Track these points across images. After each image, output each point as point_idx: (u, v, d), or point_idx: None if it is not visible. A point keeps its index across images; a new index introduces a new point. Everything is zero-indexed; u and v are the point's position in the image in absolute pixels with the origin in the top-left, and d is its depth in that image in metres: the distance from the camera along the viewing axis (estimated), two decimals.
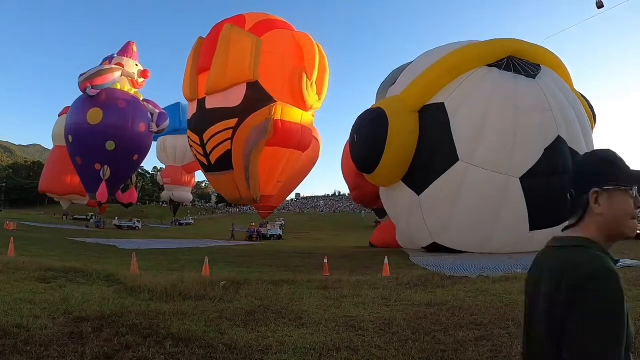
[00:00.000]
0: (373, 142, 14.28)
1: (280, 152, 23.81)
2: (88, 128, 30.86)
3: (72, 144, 31.59)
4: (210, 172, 24.58)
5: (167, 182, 54.72)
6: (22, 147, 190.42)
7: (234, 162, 22.63)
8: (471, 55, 14.34)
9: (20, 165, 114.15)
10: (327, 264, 11.49)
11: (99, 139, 31.00)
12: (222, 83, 22.03)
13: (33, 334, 4.35)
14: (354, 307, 6.36)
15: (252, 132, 22.26)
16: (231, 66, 21.80)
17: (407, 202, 14.84)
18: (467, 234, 13.88)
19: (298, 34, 24.36)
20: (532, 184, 12.84)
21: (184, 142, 48.00)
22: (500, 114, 13.18)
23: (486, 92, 13.50)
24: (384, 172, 14.66)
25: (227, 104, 22.16)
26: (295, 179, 28.74)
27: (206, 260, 9.82)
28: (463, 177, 13.10)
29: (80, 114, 31.39)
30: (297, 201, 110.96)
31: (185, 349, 4.19)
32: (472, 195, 13.07)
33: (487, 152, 12.97)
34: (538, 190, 12.84)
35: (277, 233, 35.80)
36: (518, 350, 4.29)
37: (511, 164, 12.79)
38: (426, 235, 15.05)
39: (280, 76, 22.91)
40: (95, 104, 31.42)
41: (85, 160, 31.77)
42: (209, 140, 22.78)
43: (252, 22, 23.61)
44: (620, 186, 1.28)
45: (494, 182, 12.86)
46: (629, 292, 7.41)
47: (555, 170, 12.93)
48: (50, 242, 20.91)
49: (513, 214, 13.05)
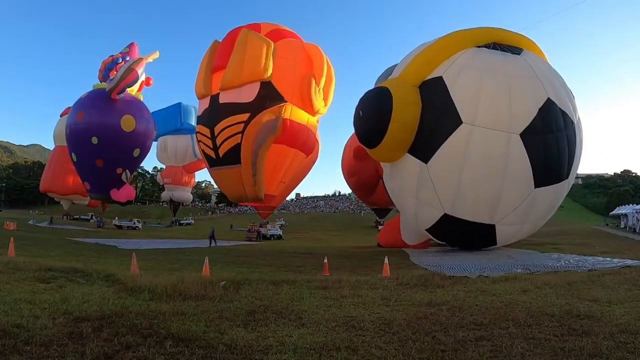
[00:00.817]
0: (378, 114, 14.84)
1: (286, 151, 24.48)
2: (122, 134, 31.30)
3: (97, 146, 31.02)
4: (216, 167, 24.85)
5: (167, 182, 54.76)
6: (22, 147, 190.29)
7: (243, 156, 23.14)
8: (461, 38, 15.67)
9: (20, 165, 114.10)
10: (327, 264, 11.50)
11: (129, 146, 31.99)
12: (237, 80, 22.85)
13: (33, 334, 4.35)
14: (354, 307, 6.36)
15: (262, 128, 22.95)
16: (247, 65, 22.67)
17: (415, 174, 15.05)
18: (476, 197, 14.34)
19: (308, 44, 25.62)
20: (531, 140, 13.66)
21: (184, 142, 48.10)
22: (494, 80, 14.25)
23: (479, 64, 14.68)
24: (389, 144, 15.07)
25: (241, 99, 22.88)
26: (296, 179, 28.97)
27: (206, 260, 9.82)
28: (467, 138, 13.78)
29: (110, 118, 31.04)
30: (297, 201, 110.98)
31: (185, 349, 4.18)
32: (478, 156, 13.81)
33: (487, 112, 13.82)
34: (538, 147, 13.72)
35: (277, 233, 35.78)
36: (518, 350, 4.29)
37: (510, 122, 13.69)
38: (436, 208, 15.13)
39: (291, 80, 23.97)
40: (127, 111, 31.75)
41: (108, 163, 31.86)
42: (220, 132, 23.30)
43: (267, 30, 24.79)
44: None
45: (497, 140, 13.67)
46: (629, 292, 7.41)
47: (550, 129, 13.95)
48: (51, 242, 20.93)
49: (518, 171, 13.77)
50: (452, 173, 14.22)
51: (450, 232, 16.04)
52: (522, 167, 13.80)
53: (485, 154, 13.80)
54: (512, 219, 14.86)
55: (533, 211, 14.83)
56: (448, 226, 15.43)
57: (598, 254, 15.59)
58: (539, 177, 14.03)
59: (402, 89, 14.85)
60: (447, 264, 12.80)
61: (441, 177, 14.47)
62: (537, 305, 6.36)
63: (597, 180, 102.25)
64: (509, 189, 14.03)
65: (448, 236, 16.96)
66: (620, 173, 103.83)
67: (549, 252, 17.10)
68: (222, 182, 25.83)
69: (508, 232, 15.48)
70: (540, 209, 15.08)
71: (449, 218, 15.09)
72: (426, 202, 15.35)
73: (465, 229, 15.19)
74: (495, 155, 13.74)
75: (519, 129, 13.67)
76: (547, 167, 14.07)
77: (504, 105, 13.77)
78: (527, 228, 15.88)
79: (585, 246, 20.00)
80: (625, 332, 4.82)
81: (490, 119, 13.75)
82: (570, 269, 11.24)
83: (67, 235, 28.36)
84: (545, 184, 14.17)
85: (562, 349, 4.31)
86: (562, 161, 14.56)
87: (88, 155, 31.48)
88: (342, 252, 20.60)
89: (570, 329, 5.05)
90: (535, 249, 18.79)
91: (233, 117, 22.95)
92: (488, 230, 15.13)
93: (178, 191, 54.72)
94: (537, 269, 11.07)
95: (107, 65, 34.04)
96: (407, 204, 16.91)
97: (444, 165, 14.31)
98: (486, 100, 13.89)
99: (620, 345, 4.36)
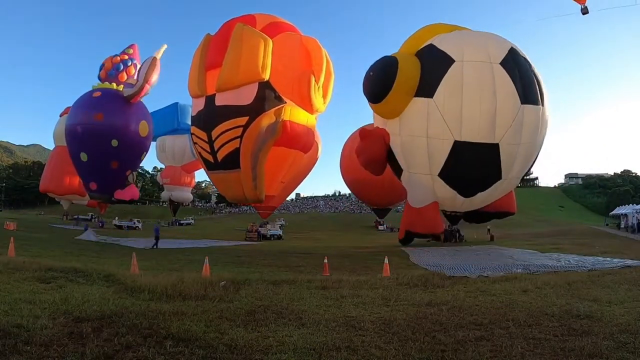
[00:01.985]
0: (386, 71, 18.49)
1: (285, 153, 23.84)
2: (138, 139, 32.35)
3: (117, 148, 31.08)
4: (214, 171, 24.26)
5: (166, 182, 54.34)
6: (22, 147, 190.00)
7: (242, 160, 22.50)
8: (441, 26, 20.54)
9: (20, 165, 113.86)
10: (327, 264, 11.49)
11: (141, 150, 33.48)
12: (233, 81, 21.99)
13: (33, 334, 4.35)
14: (354, 307, 6.36)
15: (262, 132, 22.22)
16: (243, 65, 21.79)
17: (424, 113, 18.22)
18: (478, 116, 17.49)
19: (306, 38, 24.57)
20: (509, 67, 17.76)
21: (182, 142, 47.74)
22: (472, 36, 19.62)
23: (458, 34, 19.92)
24: (396, 96, 18.53)
25: (239, 101, 22.10)
26: (296, 179, 28.74)
27: (206, 260, 9.81)
28: (461, 71, 17.69)
29: (130, 123, 31.61)
30: (297, 201, 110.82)
31: (185, 349, 4.19)
32: (472, 82, 17.44)
33: (472, 52, 18.04)
34: (514, 72, 17.81)
35: (277, 233, 35.75)
36: (518, 350, 4.29)
37: (490, 56, 18.07)
38: (446, 139, 18.01)
39: (289, 78, 22.97)
40: (143, 117, 32.68)
41: (122, 165, 32.37)
42: (218, 137, 22.59)
43: (263, 24, 23.70)
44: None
45: (484, 68, 17.64)
46: (629, 292, 7.41)
47: (519, 62, 18.28)
48: (51, 242, 20.93)
49: (505, 90, 17.34)
50: (454, 99, 17.59)
51: (461, 164, 18.38)
52: (507, 87, 17.48)
53: (478, 78, 17.41)
54: (509, 138, 17.83)
55: (524, 131, 17.90)
56: (459, 156, 18.05)
57: (598, 254, 15.59)
58: (522, 94, 17.56)
59: (404, 55, 19.29)
60: (447, 264, 12.82)
61: (446, 106, 17.73)
62: (537, 305, 6.36)
63: (597, 180, 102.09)
64: (502, 106, 17.31)
65: (459, 170, 18.78)
66: (620, 173, 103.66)
67: (549, 252, 17.10)
68: (221, 185, 25.45)
69: (510, 152, 18.13)
70: (528, 129, 18.02)
71: (458, 145, 17.86)
72: (437, 136, 18.12)
73: (474, 154, 17.93)
74: (486, 79, 17.37)
75: (498, 59, 17.90)
76: (525, 87, 17.85)
77: (482, 47, 18.33)
78: (522, 150, 18.48)
79: (585, 246, 19.99)
80: (625, 332, 4.82)
81: (475, 56, 17.92)
82: (570, 269, 11.25)
83: (70, 236, 28.36)
84: (528, 102, 17.71)
85: (562, 349, 4.31)
86: (534, 88, 18.26)
87: (104, 156, 31.38)
88: (342, 252, 20.58)
89: (570, 329, 5.05)
90: (535, 249, 18.80)
91: (231, 121, 22.12)
92: (494, 151, 17.86)
93: (177, 191, 54.33)
94: (537, 269, 11.07)
95: (114, 65, 33.92)
96: (418, 147, 19.17)
97: (447, 94, 17.62)
98: (469, 46, 18.30)
99: (620, 345, 4.36)
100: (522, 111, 17.52)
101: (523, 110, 17.53)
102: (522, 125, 17.72)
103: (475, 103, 17.36)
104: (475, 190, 19.18)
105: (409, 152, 20.13)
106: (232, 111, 22.20)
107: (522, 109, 17.54)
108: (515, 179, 20.04)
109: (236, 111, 22.15)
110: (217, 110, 22.57)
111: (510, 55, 18.40)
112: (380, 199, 40.65)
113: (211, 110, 22.80)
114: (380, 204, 42.80)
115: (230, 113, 22.24)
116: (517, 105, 17.52)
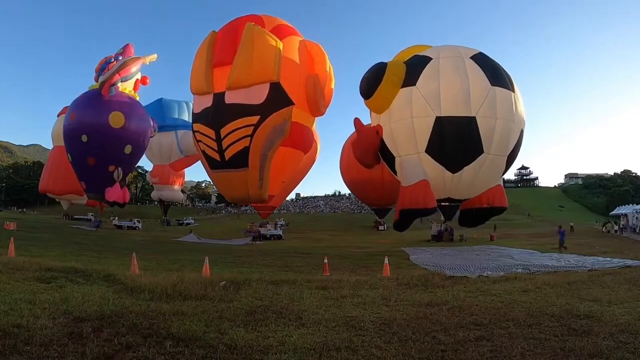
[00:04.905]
0: (377, 72, 21.72)
1: (289, 153, 24.06)
2: (110, 131, 30.93)
3: (87, 143, 31.10)
4: (219, 169, 24.16)
5: (155, 181, 52.56)
6: (22, 147, 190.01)
7: (251, 159, 22.55)
8: (423, 47, 24.04)
9: (20, 165, 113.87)
10: (327, 264, 11.49)
11: (119, 143, 31.52)
12: (245, 80, 22.01)
13: (33, 334, 4.35)
14: (354, 307, 6.36)
15: (272, 131, 22.43)
16: (256, 64, 21.89)
17: (409, 98, 21.07)
18: (454, 93, 20.13)
19: (309, 43, 25.09)
20: (479, 60, 20.83)
21: (168, 140, 46.61)
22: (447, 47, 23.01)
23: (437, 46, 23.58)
24: (385, 87, 21.58)
25: (250, 100, 22.09)
26: (296, 179, 28.79)
27: (206, 260, 9.81)
28: (438, 64, 21.06)
29: (99, 115, 30.93)
30: (297, 201, 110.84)
31: (185, 349, 4.18)
32: (447, 70, 20.59)
33: (447, 51, 21.66)
34: (484, 63, 20.77)
35: (277, 233, 35.74)
36: (518, 350, 4.29)
37: (461, 53, 21.41)
38: (429, 115, 20.48)
39: (297, 80, 23.37)
40: (116, 107, 31.38)
41: (100, 161, 31.73)
42: (227, 135, 22.58)
43: (270, 26, 23.89)
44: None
45: (457, 60, 20.90)
46: (630, 292, 7.40)
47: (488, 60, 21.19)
48: (51, 242, 20.93)
49: (475, 75, 20.28)
50: (433, 82, 20.60)
51: (444, 138, 20.50)
52: (477, 72, 20.39)
53: (452, 66, 20.63)
54: (484, 111, 20.08)
55: (498, 107, 20.24)
56: (441, 130, 20.31)
57: (598, 254, 15.60)
58: (491, 78, 20.17)
59: (393, 61, 22.90)
60: (447, 264, 12.83)
61: (427, 88, 20.62)
62: (537, 305, 6.36)
63: (597, 180, 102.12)
64: (474, 85, 20.14)
65: (443, 144, 20.90)
66: (620, 173, 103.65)
67: (549, 252, 17.11)
68: (224, 184, 25.28)
69: (487, 125, 20.21)
70: (502, 106, 20.44)
71: (440, 120, 20.24)
72: (420, 115, 20.70)
73: (455, 127, 20.21)
74: (459, 66, 20.53)
75: (469, 55, 21.15)
76: (493, 75, 20.49)
77: (455, 49, 22.08)
78: (499, 125, 20.56)
79: (585, 246, 20.00)
80: (625, 332, 4.82)
81: (450, 53, 21.61)
82: (570, 269, 11.25)
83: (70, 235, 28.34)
84: (498, 85, 20.31)
85: (562, 349, 4.31)
86: (503, 76, 20.95)
87: (80, 154, 31.51)
88: (342, 252, 20.60)
89: (571, 329, 5.05)
90: (535, 249, 18.80)
91: (242, 120, 22.17)
92: (472, 124, 20.03)
93: (166, 190, 52.43)
94: (537, 269, 11.08)
95: (101, 66, 33.89)
96: (405, 129, 21.72)
97: (427, 81, 20.75)
98: (444, 50, 22.08)
99: (620, 345, 4.36)
100: (493, 91, 20.29)
101: (494, 91, 20.28)
102: (495, 102, 20.38)
103: (451, 84, 20.61)
104: (461, 163, 20.92)
105: (397, 136, 22.96)
106: (243, 110, 22.27)
107: (492, 89, 20.36)
108: (498, 157, 21.46)
109: (247, 110, 22.22)
110: (228, 108, 22.56)
111: (480, 54, 21.85)
112: (380, 199, 40.57)
113: (220, 108, 22.73)
114: (380, 204, 42.69)
115: (241, 112, 22.28)
116: (487, 87, 20.36)
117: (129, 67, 31.20)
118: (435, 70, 21.30)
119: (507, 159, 21.71)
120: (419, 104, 20.93)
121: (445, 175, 21.54)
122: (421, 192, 21.96)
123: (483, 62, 21.33)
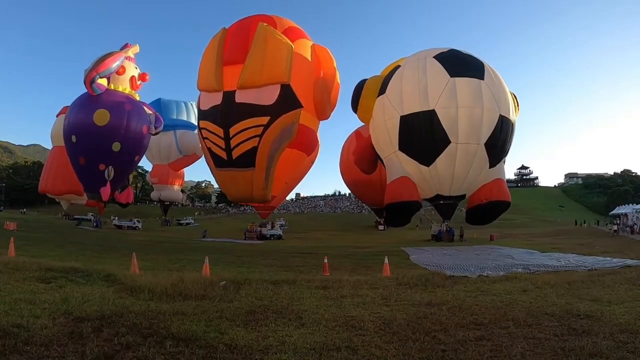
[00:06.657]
0: (357, 89, 25.17)
1: (294, 155, 24.15)
2: (95, 129, 30.84)
3: (76, 144, 31.29)
4: (224, 168, 24.05)
5: (154, 181, 52.84)
6: (22, 147, 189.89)
7: (258, 160, 22.58)
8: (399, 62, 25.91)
9: (20, 165, 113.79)
10: (327, 264, 11.49)
11: (105, 140, 31.25)
12: (257, 80, 22.07)
13: (33, 334, 4.35)
14: (354, 307, 6.36)
15: (281, 133, 22.43)
16: (268, 65, 21.94)
17: (381, 107, 23.68)
18: (412, 91, 22.01)
19: (318, 47, 25.29)
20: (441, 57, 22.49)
21: (167, 140, 46.58)
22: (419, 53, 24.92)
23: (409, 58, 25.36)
24: (365, 100, 24.63)
25: (260, 101, 22.16)
26: (296, 180, 28.82)
27: (206, 260, 9.81)
28: (402, 71, 23.48)
29: (85, 114, 31.10)
30: (297, 201, 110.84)
31: (185, 349, 4.18)
32: (408, 73, 22.81)
33: (414, 56, 24.12)
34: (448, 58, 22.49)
35: (277, 233, 35.74)
36: (518, 350, 4.29)
37: (427, 54, 23.25)
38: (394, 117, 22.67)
39: (306, 84, 23.62)
40: (101, 105, 31.25)
41: (90, 160, 31.67)
42: (236, 134, 22.52)
43: (282, 27, 23.99)
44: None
45: (418, 62, 22.92)
46: (629, 291, 7.40)
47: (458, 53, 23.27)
48: (51, 242, 20.92)
49: (433, 70, 21.83)
50: (396, 85, 22.84)
51: (411, 133, 22.20)
52: (435, 67, 21.93)
53: (412, 68, 22.72)
54: (443, 103, 21.12)
55: (459, 96, 21.02)
56: (406, 127, 22.09)
57: (598, 254, 15.60)
58: (451, 70, 21.34)
59: (372, 77, 25.70)
60: (447, 264, 12.83)
61: (392, 93, 22.92)
62: (537, 305, 6.36)
63: (597, 180, 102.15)
64: (432, 80, 21.46)
65: (411, 139, 22.52)
66: (620, 173, 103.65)
67: (549, 252, 17.11)
68: (228, 183, 25.20)
69: (448, 115, 21.12)
70: (465, 95, 21.10)
71: (404, 118, 22.04)
72: (389, 117, 22.82)
73: (417, 122, 21.65)
74: (419, 67, 22.37)
75: (432, 55, 22.67)
76: (456, 65, 21.66)
77: (424, 52, 23.86)
78: (463, 113, 21.25)
79: (586, 246, 20.00)
80: (625, 332, 4.82)
81: (414, 57, 23.70)
82: (570, 268, 11.26)
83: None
84: (458, 75, 21.31)
85: (562, 348, 4.31)
86: (470, 66, 22.02)
87: (73, 154, 31.84)
88: (342, 252, 20.58)
89: (570, 328, 5.05)
90: (535, 249, 18.80)
91: (252, 120, 22.15)
92: (434, 116, 21.21)
93: (166, 190, 52.66)
94: (537, 269, 11.08)
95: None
96: (382, 133, 23.87)
97: (392, 86, 23.11)
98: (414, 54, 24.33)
99: (620, 345, 4.36)
100: (452, 82, 21.29)
101: (454, 81, 21.28)
102: (455, 92, 21.04)
103: (410, 84, 22.22)
104: (431, 155, 22.15)
105: (379, 140, 24.85)
106: (253, 110, 22.28)
107: (451, 80, 21.37)
108: (472, 145, 22.03)
109: (258, 110, 22.26)
110: (238, 108, 22.47)
111: (449, 51, 22.97)
112: (379, 199, 40.60)
113: (230, 107, 22.66)
114: (380, 204, 42.67)
115: (251, 111, 22.31)
116: (445, 79, 21.41)
117: (107, 62, 31.04)
118: (399, 76, 23.24)
119: (486, 148, 21.80)
120: (388, 108, 23.08)
121: (421, 169, 22.89)
122: (401, 186, 23.43)
123: (446, 58, 22.39)
